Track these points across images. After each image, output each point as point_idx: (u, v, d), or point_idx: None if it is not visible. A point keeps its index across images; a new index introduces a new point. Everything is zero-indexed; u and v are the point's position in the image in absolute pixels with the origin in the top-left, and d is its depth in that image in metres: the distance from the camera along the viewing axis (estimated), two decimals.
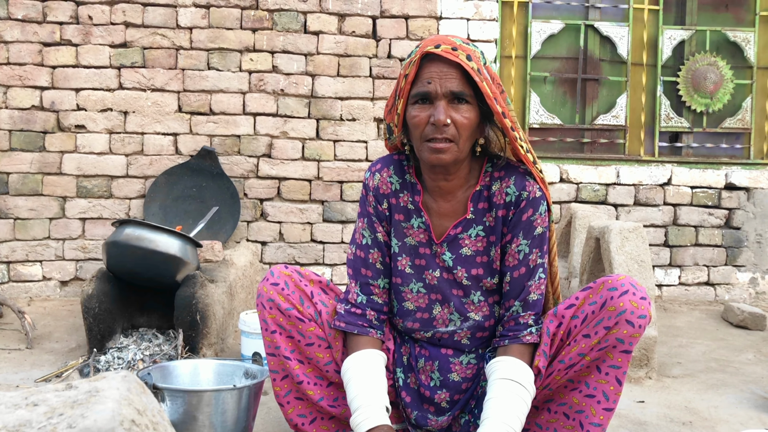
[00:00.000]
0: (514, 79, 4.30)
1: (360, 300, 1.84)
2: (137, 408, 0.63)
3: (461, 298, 1.83)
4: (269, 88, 4.03)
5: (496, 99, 1.65)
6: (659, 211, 4.31)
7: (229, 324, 3.27)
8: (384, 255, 1.86)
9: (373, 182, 1.87)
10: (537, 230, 1.75)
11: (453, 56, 1.61)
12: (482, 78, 1.62)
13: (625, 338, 1.65)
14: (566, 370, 1.72)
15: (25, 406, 0.61)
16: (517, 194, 1.74)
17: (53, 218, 3.93)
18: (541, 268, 1.76)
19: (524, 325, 1.74)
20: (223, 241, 3.88)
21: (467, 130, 1.66)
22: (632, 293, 1.65)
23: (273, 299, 1.80)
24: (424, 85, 1.65)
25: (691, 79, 4.39)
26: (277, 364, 1.84)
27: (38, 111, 3.90)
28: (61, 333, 3.35)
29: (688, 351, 3.36)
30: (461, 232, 1.80)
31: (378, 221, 1.86)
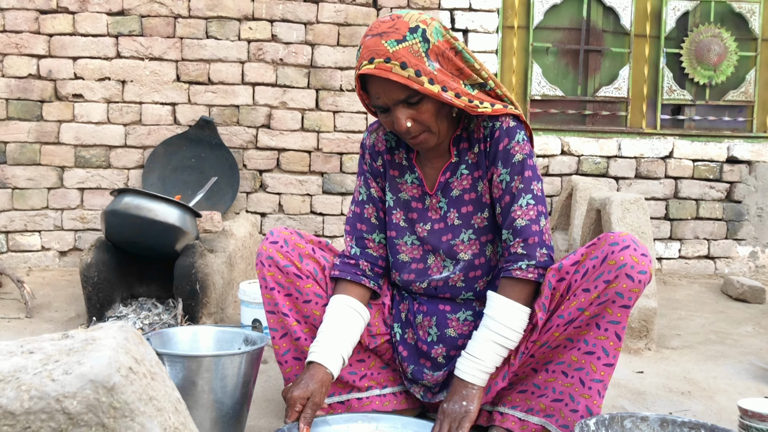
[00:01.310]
0: (516, 50, 4.26)
1: (354, 252, 1.91)
2: (134, 357, 0.62)
3: (450, 241, 1.87)
4: (268, 58, 3.99)
5: (446, 85, 1.67)
6: (660, 184, 4.29)
7: (229, 294, 3.27)
8: (378, 210, 1.94)
9: (369, 141, 1.96)
10: (516, 157, 1.76)
11: (386, 73, 1.62)
12: (421, 81, 1.63)
13: (625, 292, 1.65)
14: (565, 326, 1.72)
15: (20, 353, 0.60)
16: (490, 126, 1.79)
17: (51, 188, 3.91)
18: (529, 195, 1.75)
19: (514, 255, 1.74)
20: (222, 212, 3.86)
21: (431, 119, 1.71)
22: (633, 248, 1.66)
23: (272, 256, 1.85)
24: (375, 100, 1.71)
25: (695, 51, 4.34)
26: (276, 321, 1.87)
27: (35, 80, 3.86)
28: (60, 303, 3.35)
29: (688, 323, 3.37)
30: (450, 176, 1.86)
31: (372, 177, 1.95)
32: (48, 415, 0.56)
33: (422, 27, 1.66)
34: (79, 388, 0.57)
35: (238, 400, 1.77)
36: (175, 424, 0.64)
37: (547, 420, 1.79)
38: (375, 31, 1.67)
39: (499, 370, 1.79)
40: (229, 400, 1.75)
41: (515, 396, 1.84)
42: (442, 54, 1.68)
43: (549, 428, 1.79)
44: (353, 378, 1.94)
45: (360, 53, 1.68)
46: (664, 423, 1.70)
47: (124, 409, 0.58)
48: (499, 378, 1.79)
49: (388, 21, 1.68)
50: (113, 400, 0.58)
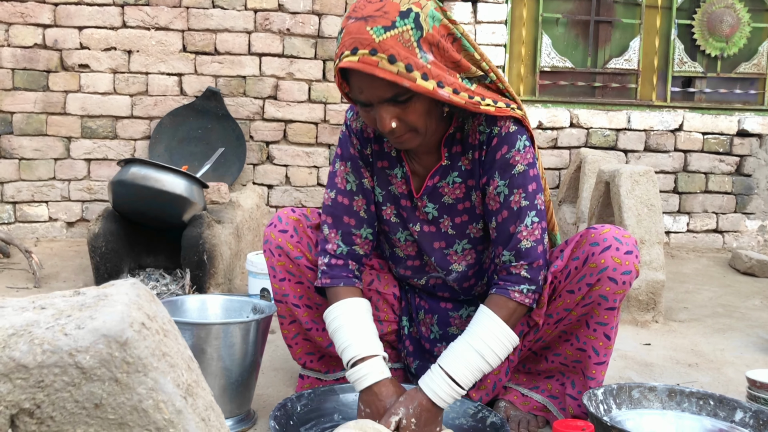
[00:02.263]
0: (525, 21, 4.20)
1: (340, 251, 1.71)
2: (147, 313, 0.61)
3: (443, 249, 1.73)
4: (275, 28, 3.95)
5: (442, 80, 1.44)
6: (669, 157, 4.26)
7: (236, 265, 3.27)
8: (369, 202, 1.73)
9: (357, 124, 1.71)
10: (516, 168, 1.57)
11: (372, 68, 1.38)
12: (413, 77, 1.40)
13: (609, 295, 1.60)
14: (555, 324, 1.70)
15: (32, 309, 0.59)
16: (488, 131, 1.58)
17: (58, 159, 3.90)
18: (533, 212, 1.57)
19: (516, 276, 1.58)
20: (228, 183, 3.86)
21: (420, 120, 1.49)
22: (615, 248, 1.58)
23: (282, 246, 1.76)
24: (357, 95, 1.48)
25: (707, 22, 4.28)
26: (284, 310, 1.83)
27: (41, 49, 3.83)
28: (68, 273, 3.36)
29: (695, 297, 3.36)
30: (439, 181, 1.67)
31: (364, 166, 1.72)
32: (61, 369, 0.56)
33: (415, 10, 1.42)
34: (91, 343, 0.56)
35: (246, 368, 1.78)
36: (188, 381, 0.63)
37: (551, 401, 1.79)
38: (359, 12, 1.42)
39: (501, 366, 1.78)
40: (237, 367, 1.75)
41: (521, 376, 1.84)
42: (437, 44, 1.45)
43: (551, 409, 1.79)
44: None
45: (341, 39, 1.43)
46: (672, 393, 1.71)
47: (137, 364, 0.58)
48: (502, 374, 1.79)
49: (375, 1, 1.42)
50: (126, 355, 0.57)
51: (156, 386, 0.59)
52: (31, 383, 0.55)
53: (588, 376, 1.70)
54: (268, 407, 1.86)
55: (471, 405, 1.69)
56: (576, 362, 1.73)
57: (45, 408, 0.55)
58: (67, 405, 0.56)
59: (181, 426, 0.59)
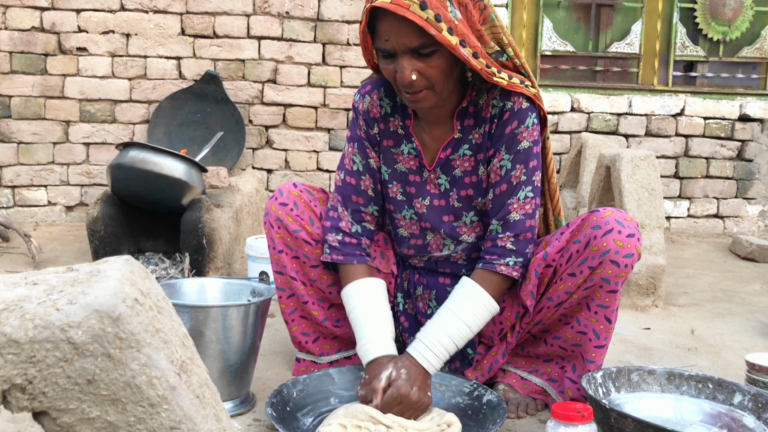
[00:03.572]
0: (527, 4, 4.17)
1: (354, 229, 1.76)
2: (140, 289, 0.61)
3: (452, 222, 1.76)
4: (274, 11, 3.92)
5: (465, 40, 1.48)
6: (671, 142, 4.25)
7: (236, 249, 3.26)
8: (376, 181, 1.78)
9: (363, 105, 1.76)
10: (522, 144, 1.61)
11: (403, 10, 1.41)
12: (440, 27, 1.43)
13: (611, 278, 1.59)
14: (556, 308, 1.70)
15: (24, 284, 0.58)
16: (501, 105, 1.62)
17: (57, 143, 3.89)
18: (529, 187, 1.62)
19: (501, 249, 1.63)
20: (228, 167, 3.84)
21: (440, 77, 1.52)
22: (617, 231, 1.58)
23: (281, 219, 1.78)
24: (381, 42, 1.50)
25: (710, 6, 4.25)
26: (284, 282, 1.84)
27: (39, 32, 3.81)
28: (68, 257, 3.36)
29: (695, 282, 3.36)
30: (452, 153, 1.70)
31: (370, 146, 1.77)
32: (53, 345, 0.56)
33: None
34: (84, 318, 0.56)
35: (245, 351, 1.77)
36: (182, 357, 0.63)
37: (550, 384, 1.79)
38: None
39: (498, 348, 1.79)
40: (236, 350, 1.75)
41: (520, 360, 1.84)
42: (465, 5, 1.49)
43: (549, 392, 1.79)
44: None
45: None
46: (671, 377, 1.70)
47: (129, 339, 0.57)
48: (499, 355, 1.79)
49: None
50: (119, 330, 0.57)
51: (149, 362, 0.58)
52: (22, 358, 0.55)
53: (587, 359, 1.69)
54: (267, 390, 1.86)
55: (467, 384, 1.69)
56: (575, 346, 1.73)
57: (37, 384, 0.55)
58: (59, 381, 0.56)
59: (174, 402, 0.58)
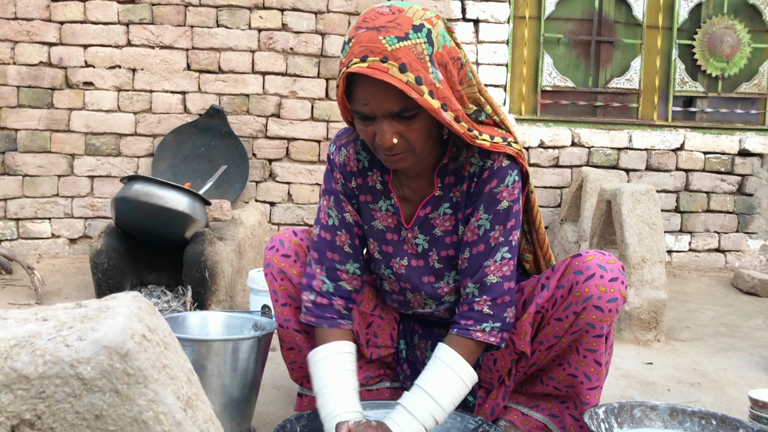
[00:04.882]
0: (527, 41, 4.23)
1: (325, 288, 1.65)
2: (148, 325, 0.62)
3: (433, 284, 1.70)
4: (278, 47, 3.98)
5: (446, 103, 1.41)
6: (671, 176, 4.27)
7: (238, 282, 3.27)
8: (353, 237, 1.68)
9: (339, 158, 1.67)
10: (501, 204, 1.55)
11: (381, 74, 1.33)
12: (421, 90, 1.35)
13: (596, 323, 1.58)
14: (547, 351, 1.70)
15: (34, 320, 0.60)
16: (480, 164, 1.56)
17: (62, 176, 3.92)
18: (506, 248, 1.56)
19: (478, 314, 1.55)
20: (231, 201, 3.87)
21: (420, 139, 1.45)
22: (599, 276, 1.56)
23: (284, 271, 1.73)
24: (360, 105, 1.42)
25: (708, 43, 4.31)
26: (285, 335, 1.80)
27: (46, 67, 3.86)
28: (70, 290, 3.36)
29: (697, 316, 3.35)
30: (431, 212, 1.64)
31: (347, 199, 1.68)
32: (62, 380, 0.56)
33: (427, 26, 1.39)
34: (93, 354, 0.57)
35: (247, 385, 1.77)
36: (188, 393, 0.63)
37: (552, 420, 1.79)
38: (371, 23, 1.38)
39: (497, 391, 1.78)
40: (238, 384, 1.75)
41: (520, 396, 1.84)
42: (445, 65, 1.42)
43: (551, 427, 1.78)
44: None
45: (349, 48, 1.39)
46: (674, 412, 1.70)
47: (137, 375, 0.58)
48: (500, 398, 1.78)
49: (387, 13, 1.39)
50: (127, 366, 0.58)
51: (156, 398, 0.59)
52: (32, 394, 0.56)
53: (583, 401, 1.69)
54: (268, 425, 1.85)
55: (472, 420, 1.68)
56: (569, 387, 1.72)
57: (46, 419, 0.56)
58: (67, 416, 0.57)
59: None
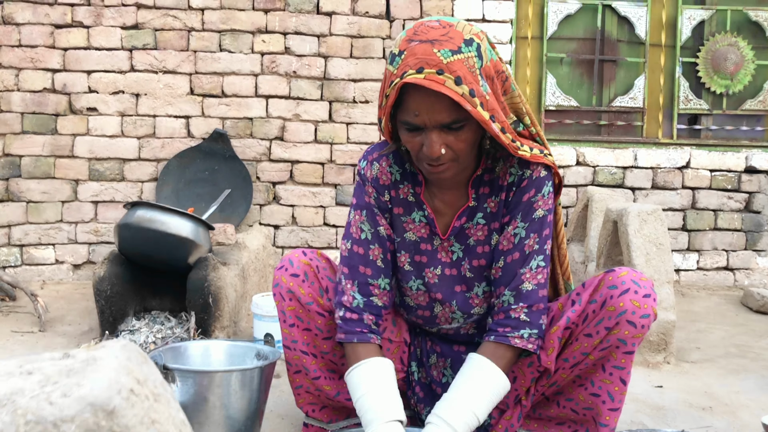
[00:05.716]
0: (530, 61, 4.23)
1: (356, 303, 1.66)
2: (137, 377, 0.60)
3: (465, 293, 1.71)
4: (282, 70, 3.99)
5: (495, 115, 1.45)
6: (677, 194, 4.24)
7: (242, 307, 3.25)
8: (386, 251, 1.70)
9: (372, 172, 1.71)
10: (537, 213, 1.60)
11: (438, 86, 1.38)
12: (474, 103, 1.40)
13: (627, 339, 1.58)
14: (571, 369, 1.68)
15: (19, 374, 0.58)
16: (519, 173, 1.60)
17: (66, 201, 3.92)
18: (541, 256, 1.60)
19: (515, 321, 1.58)
20: (235, 224, 3.85)
21: (466, 150, 1.50)
22: (634, 291, 1.56)
23: (293, 291, 1.72)
24: (410, 116, 1.46)
25: (711, 60, 4.30)
26: (291, 357, 1.78)
27: (50, 93, 3.88)
28: (74, 316, 3.35)
29: (707, 336, 3.31)
30: (466, 222, 1.67)
31: (380, 213, 1.71)
32: None
33: (477, 41, 1.44)
34: (77, 412, 0.55)
35: (250, 416, 1.75)
36: None
37: None
38: (423, 36, 1.42)
39: (512, 412, 1.75)
40: (241, 416, 1.72)
41: (532, 422, 1.81)
42: (491, 78, 1.46)
43: None
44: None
45: (402, 59, 1.42)
46: None
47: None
48: (514, 419, 1.76)
49: (438, 27, 1.44)
50: (113, 424, 0.56)
51: None
52: None
53: (600, 423, 1.66)
54: None
55: None
56: (587, 409, 1.69)
57: None
58: None
59: None
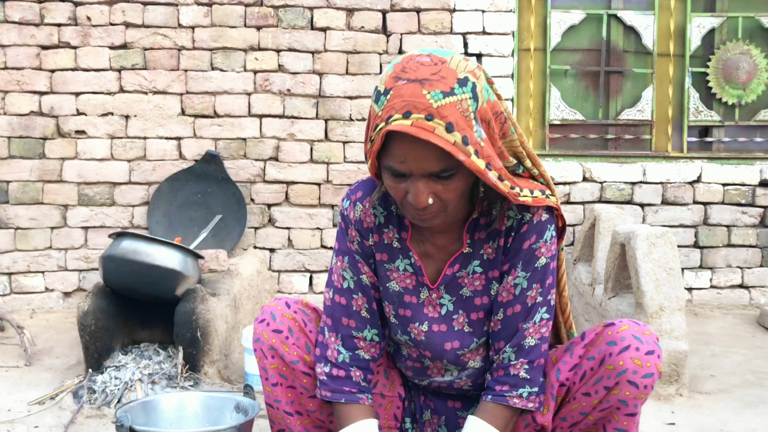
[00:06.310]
0: (533, 73, 4.09)
1: (341, 358, 1.54)
2: None
3: (457, 350, 1.56)
4: (275, 89, 3.87)
5: (490, 162, 1.32)
6: (688, 210, 4.09)
7: (234, 338, 3.13)
8: (370, 300, 1.57)
9: (355, 214, 1.56)
10: (539, 261, 1.46)
11: (427, 134, 1.24)
12: (468, 152, 1.27)
13: (629, 400, 1.44)
14: (570, 428, 1.54)
15: None
16: (519, 217, 1.46)
17: (55, 227, 3.82)
18: (544, 308, 1.48)
19: (514, 378, 1.47)
20: (229, 248, 3.74)
21: (456, 199, 1.36)
22: (635, 348, 1.42)
23: (276, 348, 1.57)
24: (395, 162, 1.31)
25: (722, 70, 4.15)
26: (275, 415, 1.65)
27: (37, 116, 3.78)
28: (63, 348, 3.25)
29: (722, 361, 3.16)
30: (459, 270, 1.52)
31: (363, 260, 1.57)
32: None
33: (472, 80, 1.29)
34: None
35: None
36: None
37: None
38: (412, 74, 1.28)
39: None
40: None
41: None
42: (488, 121, 1.33)
43: None
44: None
45: (387, 100, 1.28)
46: None
47: None
48: None
49: (429, 64, 1.29)
50: None
51: None
52: None
53: None
54: None
55: None
56: None
57: None
58: None
59: None
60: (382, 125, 1.28)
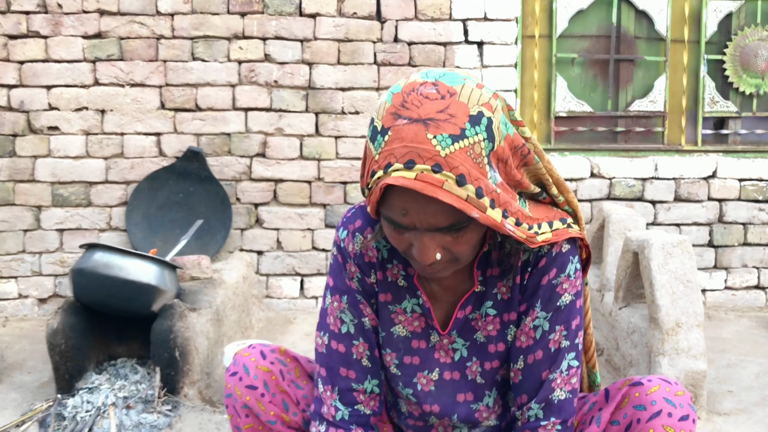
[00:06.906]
0: (537, 62, 3.84)
1: (339, 416, 1.35)
2: None
3: (470, 404, 1.37)
4: (261, 80, 3.62)
5: (507, 209, 1.13)
6: (703, 207, 3.86)
7: (217, 353, 2.92)
8: (373, 347, 1.37)
9: (354, 247, 1.34)
10: (562, 299, 1.27)
11: (434, 190, 1.04)
12: (483, 205, 1.08)
13: None
14: None
15: None
16: (536, 250, 1.27)
17: (28, 230, 3.60)
18: (572, 353, 1.28)
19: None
20: (213, 252, 3.52)
21: (468, 251, 1.18)
22: (667, 414, 1.23)
23: (250, 406, 1.39)
24: (396, 214, 1.11)
25: (740, 57, 3.91)
26: None
27: (6, 112, 3.54)
28: (36, 361, 3.06)
29: (739, 373, 2.97)
30: (471, 312, 1.33)
31: (365, 300, 1.36)
32: None
33: (487, 115, 1.08)
34: None
35: None
36: None
37: None
38: (414, 111, 1.06)
39: None
40: None
41: None
42: (505, 160, 1.13)
43: None
44: None
45: (386, 142, 1.07)
46: None
47: None
48: None
49: (435, 97, 1.07)
50: None
51: None
52: None
53: None
54: None
55: None
56: None
57: None
58: None
59: None
60: (380, 174, 1.08)
